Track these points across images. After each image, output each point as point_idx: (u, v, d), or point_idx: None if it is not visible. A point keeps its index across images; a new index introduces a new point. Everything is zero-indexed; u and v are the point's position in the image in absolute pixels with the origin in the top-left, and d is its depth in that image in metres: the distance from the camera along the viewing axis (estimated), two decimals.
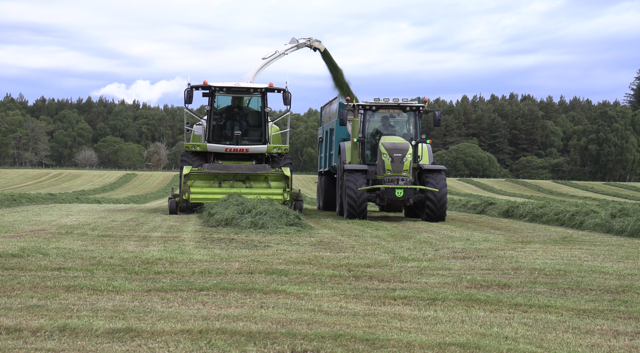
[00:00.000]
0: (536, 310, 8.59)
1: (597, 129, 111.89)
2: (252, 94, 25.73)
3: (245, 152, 25.60)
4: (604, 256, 13.81)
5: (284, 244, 14.98)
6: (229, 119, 26.19)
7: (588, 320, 8.12)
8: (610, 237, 18.58)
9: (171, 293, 9.31)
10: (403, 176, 23.35)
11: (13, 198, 33.47)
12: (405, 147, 23.30)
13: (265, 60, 30.71)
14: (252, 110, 26.53)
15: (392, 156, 23.19)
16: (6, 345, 6.74)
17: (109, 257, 12.42)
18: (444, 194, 23.27)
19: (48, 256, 12.38)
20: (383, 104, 24.55)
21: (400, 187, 23.00)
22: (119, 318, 7.77)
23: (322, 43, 32.27)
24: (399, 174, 23.32)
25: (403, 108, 24.61)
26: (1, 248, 13.13)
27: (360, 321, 7.84)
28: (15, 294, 9.07)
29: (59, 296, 8.99)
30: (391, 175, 23.30)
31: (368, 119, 24.81)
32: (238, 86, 25.54)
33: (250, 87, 25.57)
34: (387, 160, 23.24)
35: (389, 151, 23.19)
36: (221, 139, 25.94)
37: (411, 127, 24.85)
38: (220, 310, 8.27)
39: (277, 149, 25.92)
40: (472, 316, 8.21)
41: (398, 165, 23.23)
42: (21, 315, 7.88)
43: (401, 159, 23.20)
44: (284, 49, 31.61)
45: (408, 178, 23.39)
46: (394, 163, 23.22)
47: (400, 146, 23.30)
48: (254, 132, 26.16)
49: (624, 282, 10.59)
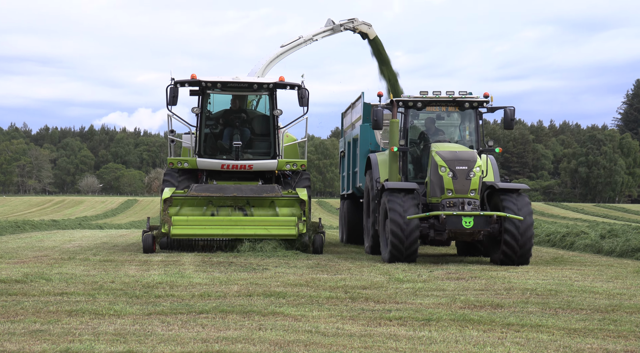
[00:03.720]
0: (528, 330, 8.58)
1: (587, 152, 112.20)
2: (256, 91, 19.25)
3: (249, 169, 19.03)
4: (593, 276, 13.81)
5: (282, 267, 14.96)
6: (226, 126, 19.60)
7: (579, 339, 8.11)
8: (600, 257, 18.59)
9: (171, 316, 9.29)
10: (470, 198, 16.15)
11: (17, 225, 33.43)
12: (472, 157, 16.21)
13: (283, 48, 23.44)
14: (258, 115, 20.07)
15: (454, 169, 16.05)
16: None
17: (111, 281, 12.40)
18: (530, 225, 15.78)
19: (51, 281, 12.36)
20: (433, 99, 17.31)
21: (469, 213, 15.76)
22: (120, 342, 7.74)
23: (372, 27, 24.65)
24: (465, 195, 16.11)
25: (460, 104, 17.40)
26: (5, 274, 13.11)
27: (357, 342, 7.83)
28: (18, 319, 9.04)
29: (61, 321, 8.96)
30: (453, 197, 16.11)
31: (411, 120, 17.72)
32: (237, 81, 18.96)
33: (254, 82, 19.04)
34: (446, 175, 16.10)
35: (448, 162, 16.09)
36: (216, 152, 19.33)
37: (470, 131, 17.84)
38: (219, 333, 8.25)
39: (291, 165, 19.38)
40: (466, 336, 8.20)
41: (463, 183, 16.07)
42: (24, 340, 7.86)
43: (467, 174, 16.06)
44: (311, 33, 23.99)
45: (477, 201, 16.20)
46: (456, 179, 16.06)
47: (464, 155, 16.23)
48: (260, 143, 19.63)
49: (613, 302, 10.58)
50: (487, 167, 17.34)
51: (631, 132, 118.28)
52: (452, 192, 16.08)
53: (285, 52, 23.30)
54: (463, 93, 17.22)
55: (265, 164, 19.17)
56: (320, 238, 18.34)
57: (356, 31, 24.45)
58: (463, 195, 16.10)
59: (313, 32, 23.77)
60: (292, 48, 23.33)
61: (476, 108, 17.43)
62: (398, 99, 17.46)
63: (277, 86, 18.95)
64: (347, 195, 23.59)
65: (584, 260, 17.46)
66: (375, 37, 24.51)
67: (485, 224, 15.80)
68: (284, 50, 23.22)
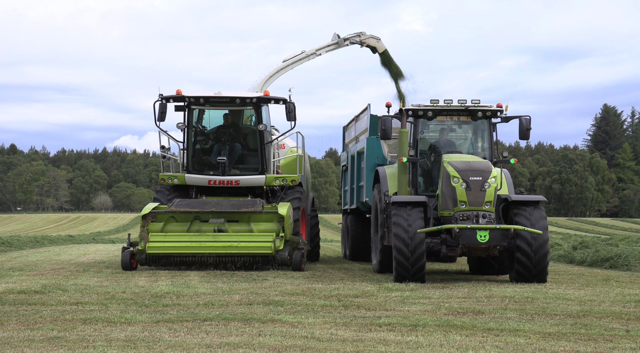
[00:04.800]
0: (507, 334, 8.57)
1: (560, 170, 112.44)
2: (239, 105, 17.51)
3: (235, 184, 17.48)
4: (566, 284, 13.82)
5: (280, 277, 14.91)
6: (217, 142, 18.06)
7: (553, 342, 8.10)
8: (572, 267, 18.60)
9: (178, 323, 9.25)
10: (485, 211, 14.03)
11: (36, 240, 33.37)
12: (487, 168, 14.17)
13: (285, 63, 21.52)
14: (248, 130, 18.25)
15: (468, 180, 14.00)
16: None
17: (122, 291, 12.35)
18: (544, 242, 13.84)
19: (67, 292, 12.31)
20: (445, 108, 15.30)
21: (484, 227, 13.66)
22: (130, 348, 7.71)
23: (381, 41, 22.61)
24: (479, 207, 13.99)
25: (473, 113, 15.36)
26: (25, 285, 13.06)
27: (349, 346, 7.81)
28: (37, 327, 9.00)
29: (76, 328, 8.93)
30: (466, 210, 14.02)
31: (421, 130, 15.65)
32: (219, 95, 17.33)
33: (236, 96, 17.30)
34: (459, 186, 14.02)
35: (462, 173, 14.05)
36: (204, 167, 17.83)
37: (483, 142, 15.69)
38: (222, 339, 8.22)
39: (281, 180, 17.72)
40: (450, 340, 8.19)
41: (477, 195, 13.97)
42: (42, 346, 7.83)
43: (482, 185, 13.98)
44: (315, 47, 22.03)
45: (493, 214, 14.11)
46: (470, 191, 13.96)
47: (479, 166, 14.19)
48: (250, 159, 18.05)
49: (584, 308, 10.58)
50: (501, 179, 14.88)
51: (599, 152, 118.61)
52: (466, 205, 13.99)
53: (287, 66, 21.40)
54: (475, 102, 15.17)
55: (252, 180, 17.61)
56: (299, 255, 16.25)
57: (363, 45, 22.53)
58: (477, 208, 13.98)
59: (317, 47, 21.88)
60: (294, 62, 21.43)
61: (489, 118, 15.35)
62: (408, 108, 15.33)
63: (261, 100, 17.37)
64: (350, 210, 21.34)
65: (558, 269, 17.46)
66: (384, 51, 22.66)
67: (502, 238, 13.69)
68: (285, 64, 21.35)
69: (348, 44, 22.15)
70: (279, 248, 15.99)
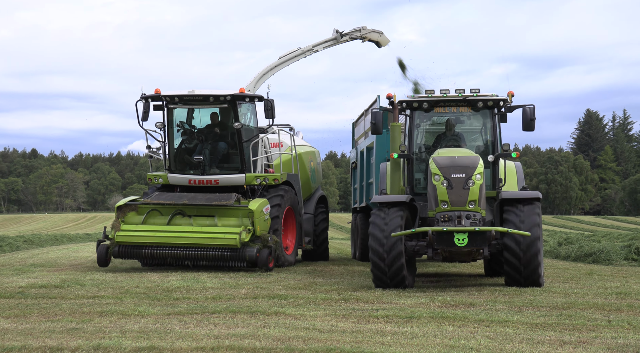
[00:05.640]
0: (496, 325, 8.56)
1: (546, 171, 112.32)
2: (213, 103, 16.01)
3: (215, 184, 16.06)
4: (552, 278, 13.79)
5: (284, 272, 14.90)
6: (197, 141, 16.59)
7: (539, 332, 8.09)
8: (557, 261, 18.58)
9: (188, 316, 9.25)
10: (469, 211, 11.91)
11: (56, 238, 33.41)
12: (472, 163, 12.02)
13: (280, 60, 19.24)
14: (231, 129, 16.29)
15: (449, 178, 11.92)
16: None
17: (135, 286, 12.35)
18: (535, 240, 11.80)
19: (84, 286, 12.31)
20: (440, 98, 13.06)
21: (462, 229, 11.61)
22: (143, 338, 7.72)
23: (383, 34, 20.32)
24: (462, 207, 11.90)
25: (473, 104, 13.09)
26: (46, 280, 13.07)
27: (349, 337, 7.80)
28: (57, 319, 9.01)
29: (93, 320, 8.93)
30: (448, 210, 11.95)
31: (418, 124, 13.47)
32: (192, 94, 15.98)
33: (210, 94, 15.86)
34: (439, 185, 11.98)
35: (443, 170, 11.97)
36: (185, 167, 16.42)
37: (486, 134, 13.44)
38: (229, 330, 8.22)
39: (262, 180, 16.10)
40: (443, 331, 8.18)
41: (460, 193, 11.89)
42: (62, 337, 7.83)
43: (464, 183, 11.88)
44: (312, 43, 19.61)
45: (478, 214, 11.96)
46: (451, 190, 11.89)
47: (463, 161, 12.05)
48: (231, 158, 16.42)
49: (569, 300, 10.57)
50: (504, 174, 13.03)
51: (583, 154, 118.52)
52: (448, 204, 11.93)
53: (282, 63, 19.21)
54: (475, 91, 12.94)
55: (231, 179, 16.07)
56: (266, 252, 14.80)
57: (365, 40, 20.25)
58: (460, 208, 11.91)
59: (313, 43, 19.60)
60: (288, 59, 19.27)
61: (493, 108, 13.09)
62: (401, 99, 13.27)
63: (236, 98, 15.78)
64: (359, 208, 19.18)
65: (544, 264, 17.42)
66: (389, 44, 20.48)
67: (483, 242, 11.66)
68: (280, 61, 19.15)
69: (347, 39, 20.01)
70: (244, 240, 14.63)
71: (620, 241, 22.19)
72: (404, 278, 12.02)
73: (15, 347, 7.29)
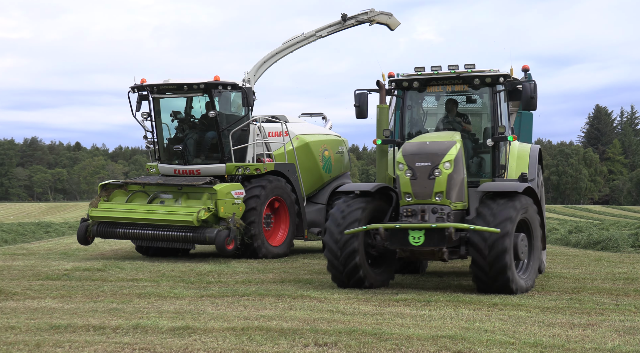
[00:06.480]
0: (510, 308, 8.50)
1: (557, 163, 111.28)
2: (188, 92, 14.93)
3: (197, 173, 14.89)
4: (563, 264, 13.67)
5: (309, 258, 14.91)
6: (182, 130, 15.48)
7: (550, 315, 8.03)
8: (568, 249, 18.40)
9: (219, 298, 9.29)
10: (435, 205, 9.76)
11: None
12: (441, 150, 9.84)
13: (283, 45, 17.51)
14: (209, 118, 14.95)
15: (413, 167, 9.82)
16: (93, 339, 6.77)
17: (171, 270, 12.43)
18: (501, 238, 9.32)
19: (124, 270, 12.41)
20: (431, 76, 10.84)
21: (418, 226, 9.56)
22: (179, 319, 7.76)
23: (393, 16, 18.07)
24: (427, 200, 9.76)
25: (469, 81, 10.77)
26: (89, 264, 13.19)
27: (370, 319, 7.79)
28: (99, 300, 9.10)
29: (132, 301, 9.00)
30: (412, 204, 9.86)
31: (410, 105, 11.22)
32: (167, 83, 14.92)
33: (184, 83, 14.74)
34: (403, 174, 9.89)
35: (408, 158, 9.89)
36: (172, 157, 15.34)
37: (484, 114, 11.32)
38: (258, 312, 8.24)
39: (243, 169, 14.83)
40: (459, 314, 8.14)
41: (424, 184, 9.75)
42: (104, 316, 7.91)
43: (430, 172, 9.73)
44: (315, 29, 17.70)
45: (447, 208, 9.75)
46: (415, 180, 9.79)
47: (431, 148, 9.89)
48: (213, 147, 15.17)
49: (578, 285, 10.47)
50: (507, 159, 11.00)
51: (592, 147, 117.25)
52: (412, 197, 9.81)
53: (285, 49, 17.45)
54: (469, 66, 10.67)
55: (212, 169, 14.88)
56: (224, 234, 13.51)
57: (372, 23, 18.03)
58: (424, 201, 9.75)
59: (317, 28, 17.69)
60: (292, 45, 17.48)
61: (493, 85, 10.75)
62: (392, 78, 11.14)
63: (210, 86, 14.58)
64: None
65: (555, 251, 17.28)
66: (399, 26, 18.40)
67: (442, 240, 9.45)
68: (284, 47, 17.39)
69: (354, 23, 17.83)
70: (201, 218, 13.45)
71: (628, 229, 21.92)
72: (362, 279, 10.04)
73: (62, 325, 7.38)
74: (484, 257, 9.35)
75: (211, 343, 6.59)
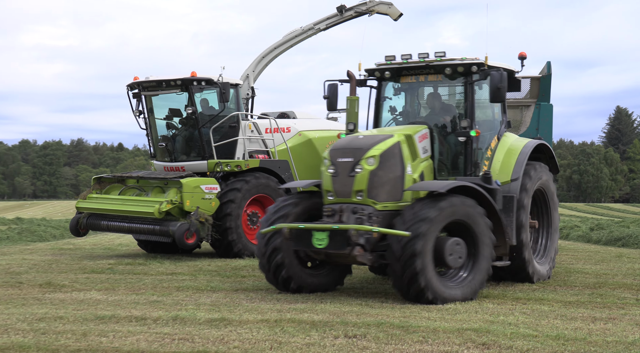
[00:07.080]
0: (533, 303, 8.41)
1: (579, 162, 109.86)
2: (167, 89, 14.31)
3: (182, 170, 14.18)
4: (584, 260, 13.47)
5: None
6: (168, 127, 14.86)
7: (572, 309, 7.92)
8: (589, 245, 18.15)
9: (254, 292, 9.32)
10: (357, 204, 8.65)
11: None
12: (367, 145, 8.76)
13: (283, 38, 16.54)
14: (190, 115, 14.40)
15: (336, 163, 8.82)
16: (135, 329, 6.84)
17: (208, 264, 12.50)
18: (413, 239, 8.07)
19: (164, 264, 12.52)
20: (403, 65, 9.70)
21: (322, 227, 8.49)
22: (215, 311, 7.81)
23: (393, 6, 16.54)
24: (347, 199, 8.71)
25: (439, 70, 9.53)
26: (131, 258, 13.33)
27: (397, 312, 7.76)
28: (141, 292, 9.19)
29: (172, 294, 9.07)
30: (334, 203, 8.83)
31: (385, 96, 10.10)
32: (148, 80, 14.36)
33: (163, 80, 14.22)
34: (326, 171, 8.94)
35: (332, 153, 8.92)
36: (163, 154, 14.77)
37: (461, 107, 9.64)
38: (290, 305, 8.25)
39: (224, 166, 14.03)
40: (483, 307, 8.07)
41: (344, 182, 8.72)
42: (145, 308, 7.99)
43: (350, 169, 8.68)
44: (312, 22, 16.62)
45: (369, 208, 8.57)
46: (336, 178, 8.79)
47: (357, 143, 8.88)
48: (197, 144, 14.43)
49: (600, 280, 10.32)
50: (492, 156, 9.73)
51: (613, 147, 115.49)
52: (334, 195, 8.82)
53: (284, 44, 16.40)
54: (440, 54, 9.48)
55: (195, 166, 14.23)
56: (185, 227, 12.63)
57: (372, 13, 16.65)
58: (345, 200, 8.70)
59: (315, 21, 16.53)
60: (290, 39, 16.43)
61: (468, 75, 9.42)
62: (369, 68, 9.98)
63: (186, 82, 13.98)
64: None
65: (577, 247, 17.05)
66: (400, 15, 16.70)
67: (345, 243, 8.24)
68: (283, 41, 16.37)
69: (353, 14, 16.54)
70: (163, 210, 12.73)
71: None
72: (287, 280, 8.98)
73: (106, 316, 7.47)
74: (397, 261, 8.17)
75: (246, 335, 6.61)
